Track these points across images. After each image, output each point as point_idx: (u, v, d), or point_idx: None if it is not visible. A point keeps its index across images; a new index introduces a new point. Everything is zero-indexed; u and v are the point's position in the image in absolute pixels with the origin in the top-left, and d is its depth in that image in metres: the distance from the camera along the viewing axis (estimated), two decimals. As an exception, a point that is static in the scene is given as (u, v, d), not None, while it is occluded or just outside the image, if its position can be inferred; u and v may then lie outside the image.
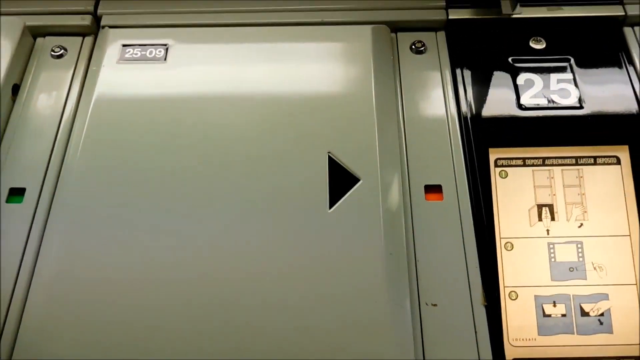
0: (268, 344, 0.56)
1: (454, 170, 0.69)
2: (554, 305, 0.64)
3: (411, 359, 0.56)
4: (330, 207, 0.62)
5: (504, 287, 0.64)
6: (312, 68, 0.72)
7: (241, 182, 0.64)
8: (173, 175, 0.65)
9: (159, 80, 0.72)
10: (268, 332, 0.57)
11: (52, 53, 0.79)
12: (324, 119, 0.68)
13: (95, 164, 0.66)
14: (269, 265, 0.60)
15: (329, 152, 0.65)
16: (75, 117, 0.72)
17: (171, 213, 0.63)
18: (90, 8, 0.81)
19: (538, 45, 0.79)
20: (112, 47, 0.75)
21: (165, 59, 0.73)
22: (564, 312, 0.63)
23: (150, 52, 0.74)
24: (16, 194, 0.67)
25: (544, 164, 0.70)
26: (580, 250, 0.66)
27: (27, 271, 0.62)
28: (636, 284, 0.64)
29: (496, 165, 0.70)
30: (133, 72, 0.72)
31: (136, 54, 0.74)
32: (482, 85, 0.75)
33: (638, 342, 0.62)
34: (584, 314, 0.63)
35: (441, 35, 0.81)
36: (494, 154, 0.70)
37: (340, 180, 0.64)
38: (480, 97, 0.74)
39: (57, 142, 0.71)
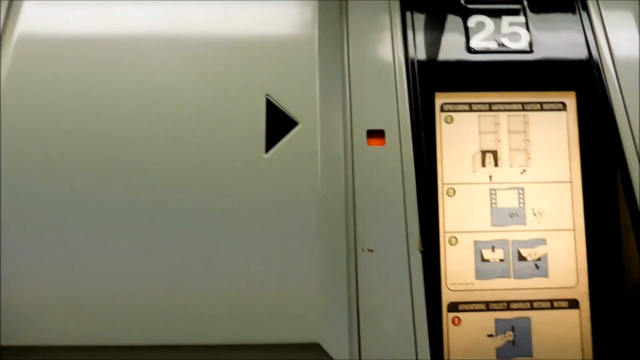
0: (203, 289, 0.56)
1: (398, 115, 0.67)
2: (493, 250, 0.64)
3: (344, 304, 0.56)
4: (267, 151, 0.60)
5: (445, 232, 0.64)
6: (252, 8, 0.68)
7: (175, 126, 0.61)
8: (104, 121, 0.61)
9: (89, 19, 0.67)
10: (204, 279, 0.56)
11: (-28, -13, 0.72)
12: (264, 62, 0.65)
13: (18, 110, 0.62)
14: (203, 210, 0.58)
15: (267, 95, 0.63)
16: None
17: (103, 161, 0.60)
18: (13, -63, 0.74)
19: (492, -14, 0.76)
20: (37, -20, 0.69)
21: (95, -5, 0.68)
22: (502, 257, 0.64)
23: (79, -13, 0.69)
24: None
25: (490, 109, 0.68)
26: (521, 196, 0.66)
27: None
28: (573, 230, 0.65)
29: (442, 110, 0.68)
30: (59, 10, 0.67)
31: (63, -13, 0.69)
32: (431, 28, 0.73)
33: (572, 286, 0.63)
34: (522, 258, 0.64)
35: (392, -26, 0.77)
36: (440, 99, 0.68)
37: (278, 124, 0.62)
38: (430, 40, 0.72)
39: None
